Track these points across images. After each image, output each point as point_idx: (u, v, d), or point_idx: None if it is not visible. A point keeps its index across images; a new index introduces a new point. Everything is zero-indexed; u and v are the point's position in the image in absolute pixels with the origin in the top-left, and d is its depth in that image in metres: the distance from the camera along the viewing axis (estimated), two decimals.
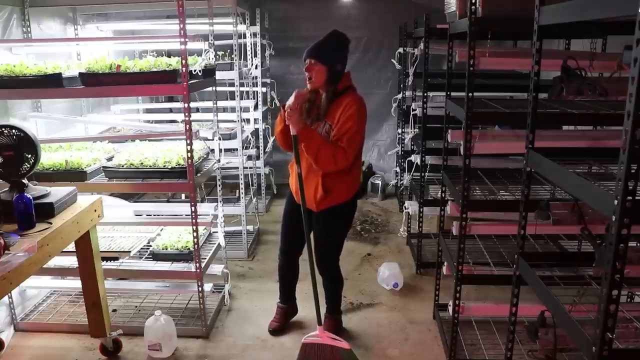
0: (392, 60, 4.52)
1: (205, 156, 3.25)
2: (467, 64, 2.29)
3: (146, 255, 3.20)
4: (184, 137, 2.73)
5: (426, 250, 4.04)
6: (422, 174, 3.76)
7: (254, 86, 4.79)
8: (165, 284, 3.24)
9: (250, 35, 4.62)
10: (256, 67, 4.74)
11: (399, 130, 5.19)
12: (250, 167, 4.39)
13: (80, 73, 2.73)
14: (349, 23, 5.67)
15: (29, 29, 3.32)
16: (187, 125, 2.68)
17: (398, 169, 5.38)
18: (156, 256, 3.13)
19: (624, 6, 1.16)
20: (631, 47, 1.12)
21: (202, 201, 4.23)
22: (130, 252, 3.04)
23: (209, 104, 3.50)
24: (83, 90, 2.79)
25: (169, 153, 3.03)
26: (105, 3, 3.72)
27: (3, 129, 2.26)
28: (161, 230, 3.43)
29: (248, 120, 4.68)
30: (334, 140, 2.51)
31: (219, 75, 3.45)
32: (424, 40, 3.51)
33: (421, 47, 3.57)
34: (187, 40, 2.60)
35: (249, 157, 4.38)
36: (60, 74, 2.69)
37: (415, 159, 3.84)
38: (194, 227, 2.86)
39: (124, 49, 4.66)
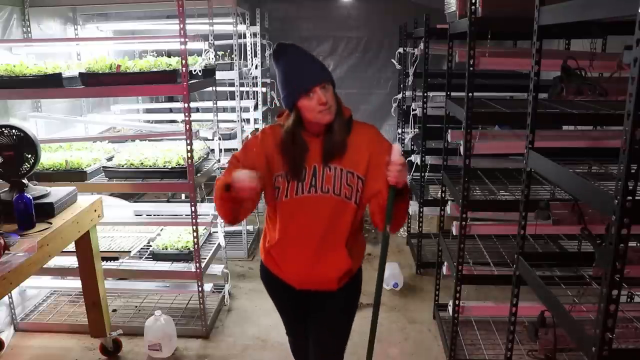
0: (392, 60, 4.52)
1: (205, 156, 3.25)
2: (467, 64, 2.29)
3: (146, 255, 3.20)
4: (184, 137, 2.73)
5: (426, 250, 4.04)
6: (422, 174, 3.76)
7: (254, 86, 4.79)
8: (165, 284, 3.24)
9: (250, 35, 4.62)
10: (256, 67, 4.74)
11: (399, 130, 5.18)
12: None
13: (80, 73, 2.73)
14: (349, 23, 5.68)
15: (29, 29, 3.32)
16: (187, 125, 2.68)
17: None
18: (156, 256, 3.13)
19: (624, 6, 1.16)
20: (631, 47, 1.12)
21: (202, 201, 4.23)
22: (130, 252, 3.04)
23: (209, 104, 3.50)
24: (83, 90, 2.79)
25: (169, 153, 3.03)
26: (105, 3, 3.72)
27: (3, 129, 2.26)
28: (161, 230, 3.43)
29: (248, 120, 4.67)
30: (374, 192, 1.72)
31: (219, 75, 3.45)
32: (424, 40, 3.51)
33: (421, 47, 3.57)
34: (187, 40, 2.60)
35: None
36: (60, 74, 2.69)
37: (415, 159, 3.84)
38: (194, 227, 2.86)
39: (124, 49, 4.66)
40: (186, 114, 2.67)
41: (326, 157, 1.71)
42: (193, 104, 2.82)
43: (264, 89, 5.09)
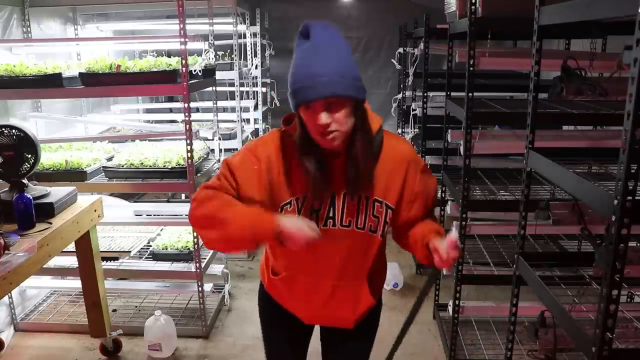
0: (392, 60, 4.52)
1: (205, 156, 3.25)
2: (467, 64, 2.29)
3: (146, 255, 3.20)
4: (184, 137, 2.73)
5: None
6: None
7: (254, 86, 4.79)
8: (165, 284, 3.24)
9: (250, 35, 4.62)
10: (256, 67, 4.74)
11: (399, 130, 5.18)
12: None
13: (80, 73, 2.73)
14: (349, 23, 5.68)
15: (29, 29, 3.32)
16: (187, 125, 2.68)
17: None
18: (156, 256, 3.13)
19: (624, 6, 1.16)
20: (631, 47, 1.12)
21: None
22: (130, 252, 3.04)
23: (209, 104, 3.50)
24: (83, 90, 2.79)
25: (169, 153, 3.03)
26: (105, 3, 3.72)
27: (3, 129, 2.26)
28: (161, 230, 3.43)
29: (248, 120, 4.68)
30: (408, 222, 1.48)
31: (219, 75, 3.45)
32: (424, 40, 3.51)
33: (421, 47, 3.57)
34: (187, 40, 2.60)
35: None
36: (60, 74, 2.69)
37: None
38: None
39: (124, 49, 4.66)
40: (186, 114, 2.67)
41: (351, 188, 1.37)
42: (193, 104, 2.82)
43: (264, 89, 5.09)
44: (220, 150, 3.36)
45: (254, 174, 1.36)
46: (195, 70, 2.80)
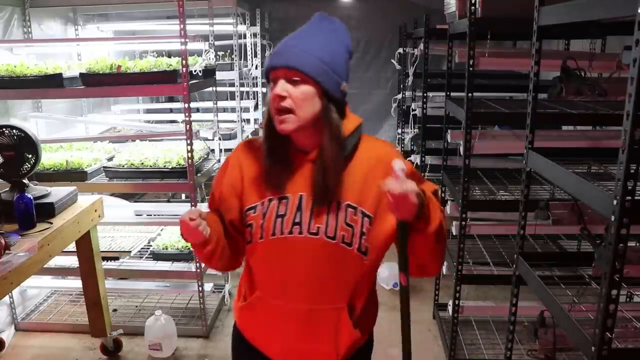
0: (392, 60, 4.53)
1: (205, 156, 3.26)
2: (467, 64, 2.29)
3: (146, 255, 3.21)
4: (184, 137, 2.73)
5: None
6: (422, 174, 3.76)
7: (254, 86, 4.80)
8: (166, 284, 3.25)
9: (251, 35, 4.62)
10: (256, 68, 4.75)
11: (399, 131, 5.19)
12: None
13: (80, 73, 2.73)
14: (349, 23, 5.67)
15: (29, 29, 3.32)
16: (188, 126, 2.69)
17: None
18: (156, 256, 3.14)
19: (624, 6, 1.16)
20: (630, 48, 1.13)
21: (202, 201, 4.23)
22: (130, 252, 3.04)
23: (209, 104, 3.51)
24: (83, 90, 2.79)
25: (169, 153, 3.04)
26: (106, 4, 3.73)
27: (4, 129, 2.26)
28: (161, 230, 3.43)
29: (248, 121, 4.68)
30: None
31: (219, 75, 3.46)
32: (423, 41, 3.52)
33: (421, 47, 3.57)
34: (187, 40, 2.61)
35: None
36: (60, 74, 2.70)
37: (415, 159, 3.84)
38: None
39: (125, 49, 4.66)
40: (186, 114, 2.68)
41: (317, 190, 1.22)
42: (193, 104, 2.82)
43: (264, 89, 5.09)
44: (221, 151, 3.37)
45: (229, 185, 1.31)
46: (195, 71, 2.80)
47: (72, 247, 2.50)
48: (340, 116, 1.26)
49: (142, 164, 2.96)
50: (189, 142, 2.71)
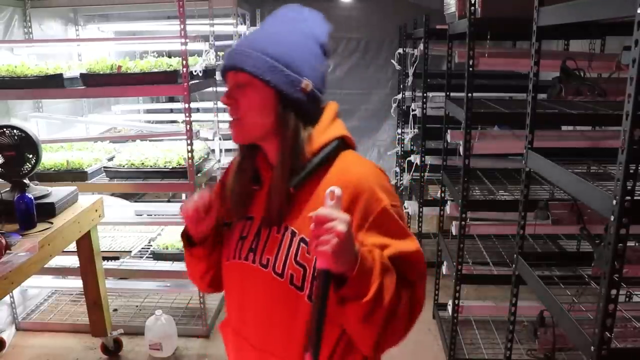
0: (392, 60, 4.53)
1: (205, 156, 3.26)
2: (467, 65, 2.30)
3: (147, 255, 3.21)
4: (185, 137, 2.74)
5: (426, 250, 4.04)
6: (422, 174, 3.77)
7: None
8: (166, 284, 3.25)
9: None
10: None
11: (399, 131, 5.19)
12: None
13: (81, 74, 2.74)
14: (349, 24, 5.68)
15: (30, 29, 3.33)
16: (188, 126, 2.69)
17: (398, 169, 5.39)
18: (157, 256, 3.14)
19: (624, 7, 1.17)
20: (630, 48, 1.13)
21: None
22: (131, 251, 3.05)
23: (210, 104, 3.51)
24: (84, 90, 2.80)
25: (170, 153, 3.04)
26: (106, 4, 3.73)
27: (4, 129, 2.26)
28: (162, 230, 3.43)
29: None
30: None
31: (219, 75, 3.45)
32: (423, 41, 3.52)
33: (421, 47, 3.57)
34: (187, 40, 2.61)
35: None
36: (61, 74, 2.70)
37: (415, 159, 3.85)
38: None
39: (125, 49, 4.66)
40: (187, 115, 2.68)
41: (264, 213, 1.04)
42: (193, 105, 2.82)
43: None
44: (221, 151, 3.37)
45: (217, 204, 1.09)
46: (195, 71, 2.81)
47: (72, 247, 2.51)
48: (308, 123, 1.03)
49: (143, 164, 2.97)
50: (189, 142, 2.72)
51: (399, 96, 4.65)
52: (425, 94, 3.65)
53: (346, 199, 0.95)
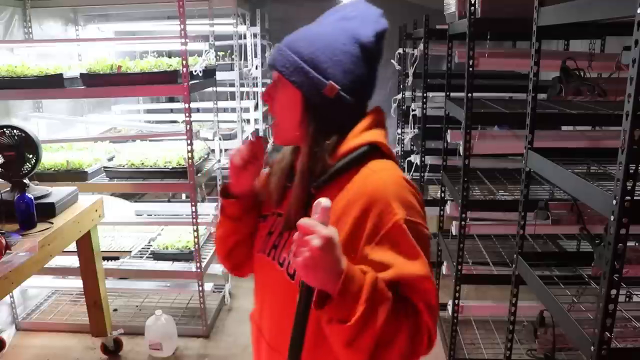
0: (392, 60, 4.52)
1: (205, 156, 3.26)
2: (467, 65, 2.29)
3: (147, 255, 3.21)
4: (185, 137, 2.74)
5: None
6: (422, 174, 3.77)
7: (254, 87, 4.80)
8: (166, 284, 3.25)
9: (251, 35, 4.62)
10: (256, 68, 4.75)
11: (399, 131, 5.19)
12: None
13: (81, 74, 2.74)
14: None
15: (30, 29, 3.33)
16: (188, 126, 2.69)
17: None
18: (157, 256, 3.14)
19: (624, 7, 1.17)
20: (630, 48, 1.13)
21: (202, 201, 4.24)
22: (131, 251, 3.05)
23: (210, 104, 3.51)
24: (84, 90, 2.80)
25: (170, 153, 3.04)
26: (106, 4, 3.73)
27: (4, 130, 2.27)
28: (162, 230, 3.43)
29: (248, 121, 4.69)
30: None
31: (219, 75, 3.46)
32: (423, 41, 3.52)
33: (421, 47, 3.57)
34: (187, 40, 2.61)
35: None
36: (61, 74, 2.70)
37: (415, 159, 3.85)
38: (195, 227, 2.87)
39: (125, 49, 4.66)
40: (187, 115, 2.68)
41: (286, 214, 1.02)
42: (193, 105, 2.83)
43: (264, 90, 5.09)
44: (221, 151, 3.37)
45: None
46: (195, 71, 2.81)
47: (72, 247, 2.51)
48: (334, 128, 0.99)
49: (143, 164, 2.97)
50: (189, 142, 2.72)
51: (399, 96, 4.65)
52: (425, 94, 3.65)
53: (359, 209, 0.92)
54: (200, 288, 2.97)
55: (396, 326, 0.86)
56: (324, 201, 0.83)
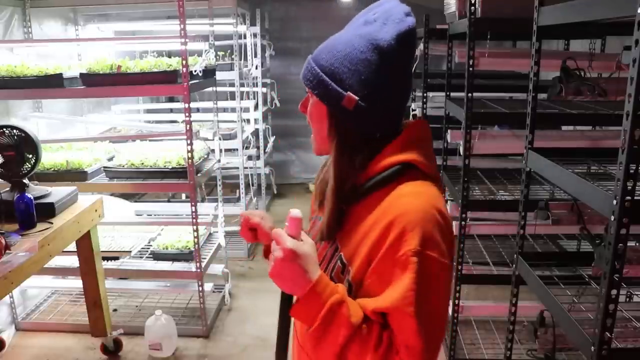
0: None
1: (205, 156, 3.26)
2: (467, 65, 2.29)
3: (147, 255, 3.21)
4: (185, 137, 2.73)
5: None
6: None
7: (254, 86, 4.79)
8: (166, 284, 3.25)
9: (251, 35, 4.62)
10: (256, 68, 4.74)
11: None
12: (251, 167, 4.39)
13: (81, 73, 2.74)
14: None
15: (30, 29, 3.33)
16: (188, 126, 2.69)
17: None
18: (157, 256, 3.14)
19: (624, 7, 1.17)
20: (630, 48, 1.13)
21: (202, 201, 4.24)
22: (130, 251, 3.05)
23: (210, 104, 3.51)
24: (84, 90, 2.80)
25: (170, 153, 3.04)
26: (106, 4, 3.73)
27: (4, 129, 2.26)
28: (162, 230, 3.43)
29: (248, 121, 4.68)
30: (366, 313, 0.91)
31: (219, 75, 3.46)
32: (423, 41, 3.51)
33: (421, 47, 3.57)
34: (187, 40, 2.61)
35: (249, 157, 4.39)
36: (61, 74, 2.70)
37: None
38: (195, 227, 2.87)
39: (125, 49, 4.66)
40: (186, 114, 2.68)
41: (321, 226, 1.01)
42: (193, 104, 2.83)
43: (264, 90, 5.09)
44: (221, 151, 3.37)
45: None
46: (195, 71, 2.80)
47: (72, 247, 2.51)
48: (360, 141, 0.96)
49: (142, 164, 2.97)
50: (189, 142, 2.72)
51: None
52: (425, 94, 3.64)
53: (380, 231, 0.89)
54: (200, 288, 2.97)
55: (361, 353, 0.87)
56: (293, 212, 0.87)
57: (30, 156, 2.30)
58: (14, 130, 2.28)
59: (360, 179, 0.96)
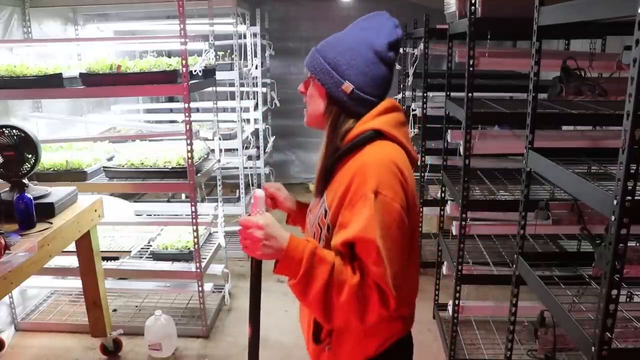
0: None
1: (205, 156, 3.26)
2: (467, 64, 2.29)
3: (146, 255, 3.20)
4: (184, 137, 2.73)
5: (426, 250, 4.04)
6: (422, 174, 3.76)
7: (254, 86, 4.79)
8: (166, 284, 3.25)
9: (251, 35, 4.62)
10: (256, 67, 4.74)
11: None
12: (251, 167, 4.39)
13: (80, 73, 2.74)
14: (349, 23, 5.66)
15: (29, 29, 3.32)
16: (188, 126, 2.69)
17: None
18: (156, 256, 3.13)
19: (624, 6, 1.16)
20: (630, 48, 1.13)
21: (202, 201, 4.23)
22: (130, 252, 3.04)
23: (209, 104, 3.51)
24: (83, 90, 2.79)
25: (169, 153, 3.04)
26: (106, 3, 3.73)
27: (4, 129, 2.26)
28: (161, 230, 3.43)
29: (248, 121, 4.68)
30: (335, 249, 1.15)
31: (219, 75, 3.46)
32: (423, 41, 3.52)
33: (421, 47, 3.57)
34: (187, 40, 2.61)
35: (249, 157, 4.39)
36: (60, 74, 2.70)
37: None
38: (194, 227, 2.87)
39: (125, 49, 4.66)
40: (186, 114, 2.68)
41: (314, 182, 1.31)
42: (193, 104, 2.83)
43: (264, 89, 5.09)
44: (221, 151, 3.37)
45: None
46: (195, 71, 2.80)
47: (72, 247, 2.51)
48: (350, 116, 1.22)
49: (142, 164, 2.96)
50: (189, 142, 2.72)
51: (399, 96, 4.64)
52: (425, 94, 3.64)
53: (347, 183, 1.14)
54: (200, 288, 2.97)
55: (340, 280, 1.09)
56: (257, 192, 1.20)
57: (30, 156, 2.30)
58: (14, 130, 2.27)
59: (341, 145, 1.22)
